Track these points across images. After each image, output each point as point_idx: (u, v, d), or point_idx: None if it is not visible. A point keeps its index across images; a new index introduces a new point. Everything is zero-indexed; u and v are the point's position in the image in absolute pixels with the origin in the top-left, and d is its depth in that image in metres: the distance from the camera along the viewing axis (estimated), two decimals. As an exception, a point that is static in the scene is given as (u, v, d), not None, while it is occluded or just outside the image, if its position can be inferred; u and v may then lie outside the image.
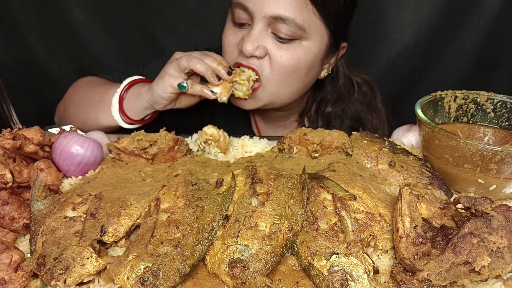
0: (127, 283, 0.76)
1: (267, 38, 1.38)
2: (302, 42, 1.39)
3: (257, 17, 1.35)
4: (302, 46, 1.39)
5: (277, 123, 1.81)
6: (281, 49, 1.38)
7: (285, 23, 1.33)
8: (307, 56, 1.41)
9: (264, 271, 0.77)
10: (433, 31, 2.13)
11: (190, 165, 1.09)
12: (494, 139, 1.19)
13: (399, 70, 2.26)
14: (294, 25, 1.33)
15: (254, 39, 1.36)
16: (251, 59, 1.40)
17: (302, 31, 1.35)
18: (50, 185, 1.02)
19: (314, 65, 1.47)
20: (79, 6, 2.12)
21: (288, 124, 1.82)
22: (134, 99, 1.46)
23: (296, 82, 1.47)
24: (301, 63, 1.41)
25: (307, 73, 1.47)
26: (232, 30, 1.45)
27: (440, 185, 1.05)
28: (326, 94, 1.71)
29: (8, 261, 0.80)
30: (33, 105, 2.36)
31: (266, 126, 1.83)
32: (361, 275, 0.76)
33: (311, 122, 1.75)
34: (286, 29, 1.34)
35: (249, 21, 1.40)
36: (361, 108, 1.72)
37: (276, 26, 1.34)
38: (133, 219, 0.90)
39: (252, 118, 1.84)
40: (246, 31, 1.41)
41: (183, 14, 2.17)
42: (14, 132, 1.03)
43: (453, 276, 0.75)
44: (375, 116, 1.73)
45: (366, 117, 1.72)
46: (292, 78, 1.45)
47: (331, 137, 1.14)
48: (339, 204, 0.89)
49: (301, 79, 1.48)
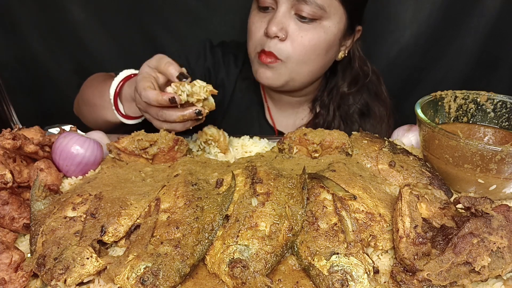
0: (127, 283, 0.76)
1: (290, 20, 1.47)
2: (322, 22, 1.48)
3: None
4: (322, 26, 1.48)
5: (289, 110, 1.86)
6: (302, 29, 1.47)
7: (307, 4, 1.43)
8: (326, 36, 1.50)
9: (264, 271, 0.77)
10: (433, 31, 2.13)
11: (190, 165, 1.09)
12: (494, 139, 1.20)
13: (399, 70, 2.26)
14: (316, 5, 1.43)
15: (278, 21, 1.46)
16: (273, 41, 1.49)
17: (323, 11, 1.45)
18: (50, 185, 1.02)
19: (333, 44, 1.56)
20: (79, 6, 2.12)
21: (300, 111, 1.87)
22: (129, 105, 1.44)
23: (315, 61, 1.56)
24: (321, 41, 1.51)
25: (326, 53, 1.56)
26: (258, 16, 1.54)
27: (440, 185, 1.05)
28: (338, 80, 1.77)
29: (8, 261, 0.80)
30: (33, 105, 2.36)
31: (279, 113, 1.87)
32: (361, 275, 0.76)
33: (322, 107, 1.80)
34: (308, 9, 1.44)
35: (273, 5, 1.49)
36: (369, 96, 1.79)
37: (299, 7, 1.44)
38: (133, 219, 0.90)
39: (266, 105, 1.88)
40: (270, 14, 1.50)
41: (183, 14, 2.17)
42: (14, 132, 1.03)
43: (453, 276, 0.75)
44: (382, 104, 1.80)
45: (374, 104, 1.79)
46: (312, 57, 1.53)
47: (331, 137, 1.14)
48: (339, 204, 0.89)
49: (320, 58, 1.56)
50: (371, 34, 2.15)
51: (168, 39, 2.22)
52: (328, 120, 1.77)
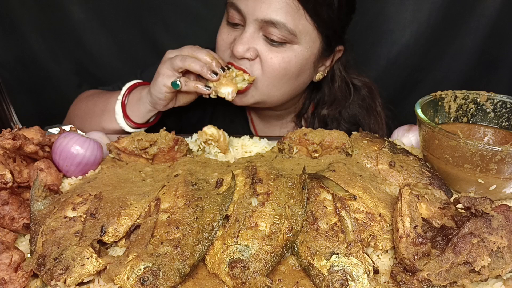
0: (127, 283, 0.76)
1: (259, 40, 1.39)
2: (293, 46, 1.40)
3: (249, 19, 1.37)
4: (293, 50, 1.40)
5: (273, 122, 1.82)
6: (271, 51, 1.39)
7: (276, 27, 1.34)
8: (297, 60, 1.42)
9: (264, 271, 0.77)
10: (433, 31, 2.13)
11: (190, 165, 1.09)
12: (494, 139, 1.20)
13: (399, 70, 2.26)
14: (285, 29, 1.34)
15: (245, 41, 1.38)
16: (242, 61, 1.42)
17: (293, 35, 1.36)
18: (50, 185, 1.02)
19: (305, 68, 1.48)
20: (79, 6, 2.12)
21: (284, 124, 1.82)
22: (136, 103, 1.47)
23: (286, 84, 1.49)
24: (292, 66, 1.42)
25: (297, 76, 1.49)
26: (226, 29, 1.47)
27: (440, 185, 1.05)
28: (323, 96, 1.71)
29: (8, 261, 0.80)
30: (33, 105, 2.36)
31: (263, 125, 1.85)
32: (361, 275, 0.76)
33: (308, 124, 1.76)
34: (277, 33, 1.35)
35: (242, 22, 1.41)
36: (359, 112, 1.72)
37: (267, 29, 1.36)
38: (133, 219, 0.90)
39: (249, 118, 1.85)
40: (239, 31, 1.42)
41: (183, 14, 2.17)
42: (14, 132, 1.03)
43: (453, 276, 0.75)
44: (373, 119, 1.72)
45: (364, 121, 1.71)
46: (283, 81, 1.46)
47: (331, 137, 1.14)
48: (339, 204, 0.89)
49: (291, 82, 1.49)
50: (371, 34, 2.16)
51: (168, 39, 2.22)
52: None
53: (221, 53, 1.49)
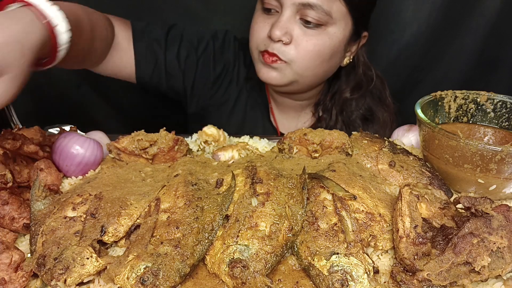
0: (127, 283, 0.76)
1: (295, 25, 1.46)
2: (327, 28, 1.47)
3: (287, 4, 1.43)
4: (327, 32, 1.47)
5: (292, 113, 1.86)
6: (307, 35, 1.46)
7: (312, 9, 1.41)
8: (331, 42, 1.50)
9: (264, 271, 0.77)
10: (433, 31, 2.13)
11: (190, 165, 1.09)
12: (494, 139, 1.20)
13: (399, 70, 2.26)
14: (322, 11, 1.41)
15: (282, 25, 1.44)
16: (277, 44, 1.48)
17: (329, 17, 1.43)
18: (50, 185, 1.02)
19: (338, 50, 1.56)
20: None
21: (302, 115, 1.87)
22: None
23: (320, 66, 1.56)
24: (326, 48, 1.50)
25: (330, 58, 1.56)
26: (262, 17, 1.53)
27: (440, 185, 1.05)
28: (341, 84, 1.77)
29: (8, 261, 0.80)
30: (33, 105, 2.36)
31: (281, 116, 1.88)
32: (361, 275, 0.76)
33: (324, 111, 1.80)
34: (313, 14, 1.42)
35: (277, 8, 1.48)
36: (373, 101, 1.79)
37: (304, 12, 1.43)
38: (133, 219, 0.90)
39: (270, 107, 1.88)
40: (275, 17, 1.48)
41: (183, 14, 2.16)
42: (14, 132, 1.03)
43: (453, 276, 0.75)
44: (386, 109, 1.80)
45: (377, 109, 1.79)
46: (316, 62, 1.53)
47: (331, 137, 1.14)
48: (339, 204, 0.89)
49: (325, 63, 1.56)
50: (371, 34, 2.15)
51: (168, 39, 2.22)
52: (331, 124, 1.76)
53: (257, 37, 1.55)
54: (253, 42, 1.57)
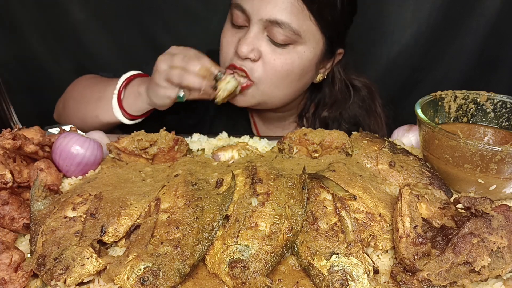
0: (127, 283, 0.76)
1: (262, 41, 1.39)
2: (296, 47, 1.40)
3: (254, 19, 1.37)
4: (296, 51, 1.41)
5: (275, 123, 1.82)
6: (275, 52, 1.39)
7: (280, 27, 1.34)
8: (301, 61, 1.43)
9: (264, 271, 0.77)
10: (433, 31, 2.13)
11: (190, 165, 1.09)
12: (494, 139, 1.20)
13: (399, 70, 2.26)
14: (290, 29, 1.34)
15: (249, 42, 1.38)
16: (245, 62, 1.42)
17: (297, 36, 1.37)
18: (50, 185, 1.02)
19: (308, 70, 1.49)
20: (79, 6, 2.12)
21: (286, 125, 1.83)
22: (134, 100, 1.47)
23: (289, 86, 1.49)
24: (295, 67, 1.43)
25: (300, 78, 1.49)
26: (230, 31, 1.48)
27: (440, 185, 1.05)
28: (323, 97, 1.72)
29: (8, 261, 0.80)
30: (33, 105, 2.36)
31: (265, 127, 1.85)
32: (361, 275, 0.76)
33: (309, 124, 1.76)
34: (281, 33, 1.35)
35: (246, 23, 1.41)
36: (359, 112, 1.73)
37: (271, 29, 1.36)
38: (133, 219, 0.90)
39: (251, 119, 1.85)
40: (243, 32, 1.42)
41: (183, 14, 2.17)
42: (14, 132, 1.03)
43: (453, 276, 0.75)
44: (373, 120, 1.73)
45: (364, 121, 1.72)
46: (285, 82, 1.46)
47: (331, 137, 1.14)
48: (339, 204, 0.89)
49: (294, 83, 1.49)
50: (371, 34, 2.16)
51: (168, 39, 2.22)
52: None
53: (224, 53, 1.49)
54: (222, 57, 1.51)
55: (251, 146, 1.23)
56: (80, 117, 1.57)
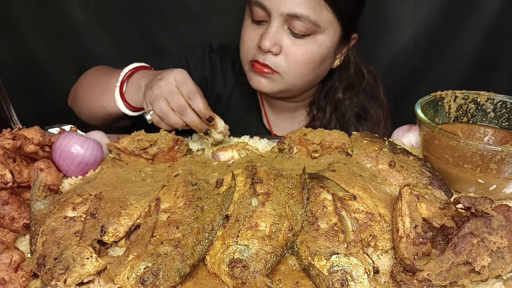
0: (127, 283, 0.76)
1: (283, 34, 1.46)
2: (316, 37, 1.47)
3: (274, 15, 1.43)
4: (316, 41, 1.48)
5: (286, 114, 1.87)
6: (296, 44, 1.47)
7: (300, 20, 1.41)
8: (320, 50, 1.50)
9: (264, 271, 0.77)
10: (433, 31, 2.13)
11: (190, 165, 1.09)
12: (494, 139, 1.20)
13: (399, 70, 2.26)
14: (308, 21, 1.41)
15: (271, 36, 1.45)
16: (267, 55, 1.49)
17: (316, 26, 1.44)
18: (50, 185, 1.02)
19: (328, 56, 1.57)
20: (79, 6, 2.12)
21: (297, 116, 1.88)
22: (135, 92, 1.47)
23: (310, 73, 1.57)
24: (315, 56, 1.50)
25: (320, 65, 1.57)
26: (251, 28, 1.54)
27: (440, 185, 1.05)
28: (334, 83, 1.78)
29: (8, 261, 0.80)
30: (33, 105, 2.36)
31: (276, 118, 1.89)
32: (361, 275, 0.76)
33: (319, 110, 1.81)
34: (301, 25, 1.42)
35: (266, 18, 1.48)
36: (366, 98, 1.80)
37: (291, 23, 1.43)
38: (133, 219, 0.90)
39: (263, 110, 1.89)
40: (264, 27, 1.49)
41: (183, 14, 2.16)
42: (14, 132, 1.03)
43: (453, 276, 0.75)
44: (379, 105, 1.81)
45: (370, 106, 1.80)
46: (307, 70, 1.54)
47: (331, 137, 1.14)
48: (339, 204, 0.89)
49: (315, 70, 1.57)
50: (370, 34, 2.15)
51: (168, 39, 2.22)
52: (325, 122, 1.77)
53: (246, 49, 1.56)
54: (243, 52, 1.58)
55: (251, 146, 1.23)
56: (88, 106, 1.62)
